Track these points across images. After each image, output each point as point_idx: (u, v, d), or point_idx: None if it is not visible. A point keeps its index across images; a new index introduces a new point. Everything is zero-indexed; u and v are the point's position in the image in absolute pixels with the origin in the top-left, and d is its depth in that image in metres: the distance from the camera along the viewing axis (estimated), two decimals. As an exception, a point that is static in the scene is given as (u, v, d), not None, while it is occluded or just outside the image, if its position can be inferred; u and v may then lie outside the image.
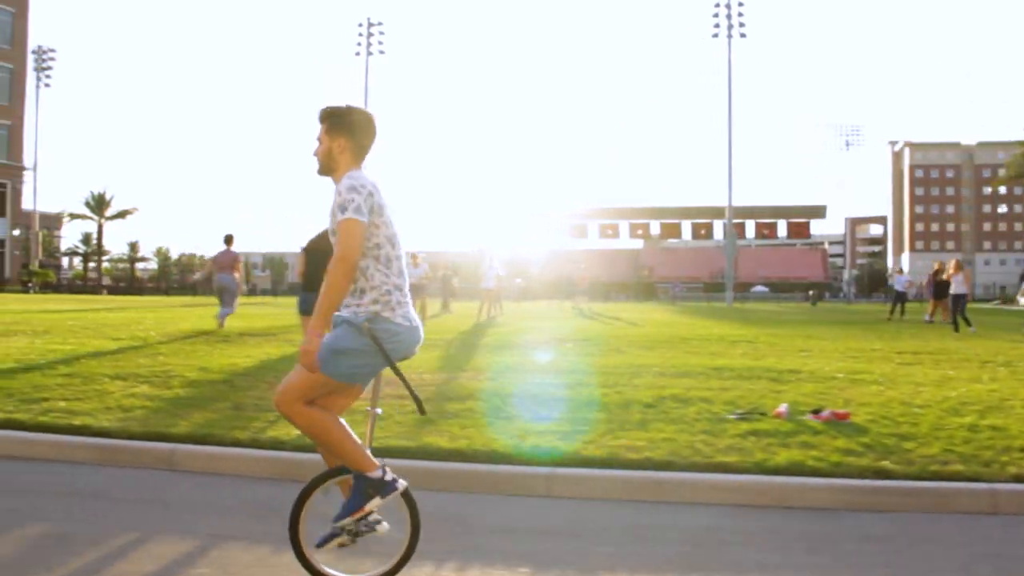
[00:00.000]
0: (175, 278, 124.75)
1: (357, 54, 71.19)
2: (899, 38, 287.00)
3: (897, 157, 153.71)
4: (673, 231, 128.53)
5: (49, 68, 75.64)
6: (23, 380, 9.30)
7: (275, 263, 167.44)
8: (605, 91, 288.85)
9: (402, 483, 3.83)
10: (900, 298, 29.97)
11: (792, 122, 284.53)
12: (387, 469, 3.84)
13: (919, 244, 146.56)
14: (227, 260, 17.57)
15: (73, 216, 75.78)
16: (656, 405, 8.13)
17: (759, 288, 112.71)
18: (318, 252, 9.02)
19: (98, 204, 75.49)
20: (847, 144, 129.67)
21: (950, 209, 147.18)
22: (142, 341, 14.24)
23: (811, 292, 70.10)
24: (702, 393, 8.77)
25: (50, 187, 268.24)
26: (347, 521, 3.76)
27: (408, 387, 3.90)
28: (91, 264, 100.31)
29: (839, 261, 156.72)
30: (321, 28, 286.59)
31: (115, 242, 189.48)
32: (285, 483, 5.94)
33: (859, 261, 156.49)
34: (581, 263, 62.00)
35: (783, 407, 7.80)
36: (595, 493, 6.00)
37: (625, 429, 7.17)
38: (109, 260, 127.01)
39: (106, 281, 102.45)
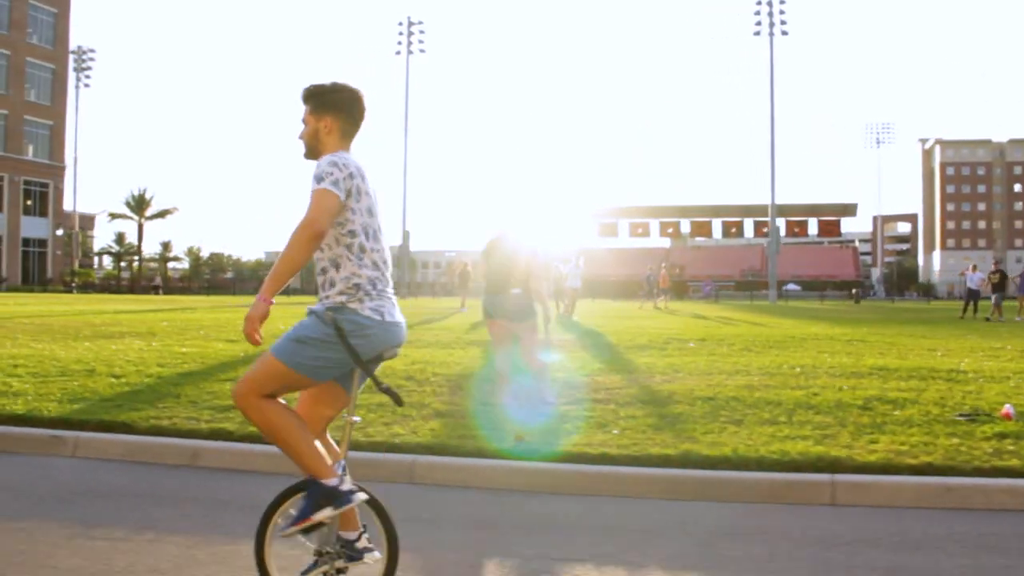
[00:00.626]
0: (206, 277, 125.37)
1: (398, 53, 71.36)
2: (928, 36, 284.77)
3: (927, 155, 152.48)
4: (704, 229, 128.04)
5: (88, 68, 75.91)
6: (193, 387, 9.05)
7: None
8: (624, 91, 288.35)
9: (360, 495, 3.50)
10: (973, 296, 29.85)
11: (822, 120, 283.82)
12: (346, 478, 3.51)
13: (950, 242, 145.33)
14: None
15: (114, 216, 76.17)
16: (871, 407, 7.93)
17: (791, 286, 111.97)
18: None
19: (138, 204, 75.71)
20: (878, 142, 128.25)
21: (981, 207, 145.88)
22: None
23: (854, 291, 69.75)
24: (900, 395, 8.57)
25: (82, 187, 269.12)
26: (292, 530, 3.45)
27: (376, 381, 3.52)
28: (122, 264, 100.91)
29: (866, 259, 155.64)
30: (361, 27, 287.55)
31: (146, 242, 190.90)
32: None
33: (886, 259, 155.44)
34: (663, 261, 61.36)
35: (1008, 408, 7.59)
36: (879, 501, 5.78)
37: (866, 432, 6.96)
38: (141, 260, 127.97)
39: (117, 280, 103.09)
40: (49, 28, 70.66)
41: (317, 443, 3.52)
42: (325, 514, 3.42)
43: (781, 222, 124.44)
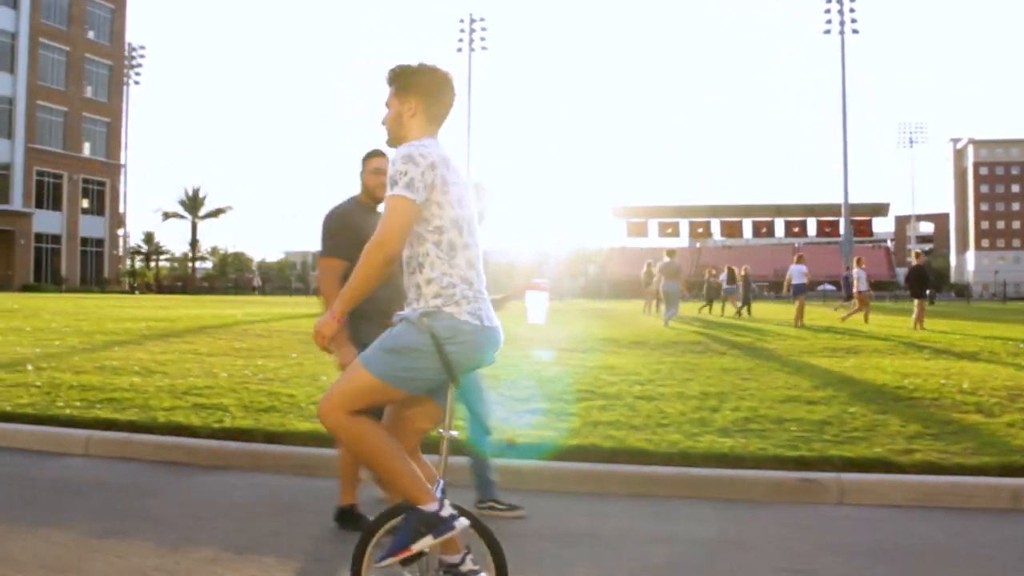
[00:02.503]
0: (232, 277, 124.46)
1: (459, 50, 70.44)
2: (958, 36, 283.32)
3: (959, 155, 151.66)
4: (734, 229, 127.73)
5: (139, 66, 74.76)
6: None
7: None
8: (645, 90, 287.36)
9: (463, 521, 3.19)
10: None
11: (853, 119, 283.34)
12: (447, 503, 3.20)
13: (984, 242, 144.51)
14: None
15: (168, 215, 74.98)
16: None
17: (827, 286, 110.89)
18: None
19: (192, 202, 74.63)
20: (911, 142, 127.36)
21: (1016, 206, 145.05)
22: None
23: (929, 291, 68.55)
24: None
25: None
26: (390, 561, 3.16)
27: (448, 407, 3.28)
28: (150, 263, 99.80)
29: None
30: (418, 24, 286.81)
31: (174, 242, 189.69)
32: None
33: (908, 259, 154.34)
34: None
35: None
36: None
37: None
38: (168, 259, 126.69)
39: (171, 280, 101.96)
40: (106, 24, 69.70)
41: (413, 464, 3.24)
42: (425, 543, 3.16)
43: (812, 221, 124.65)
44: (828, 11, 66.92)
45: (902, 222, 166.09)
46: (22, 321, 17.68)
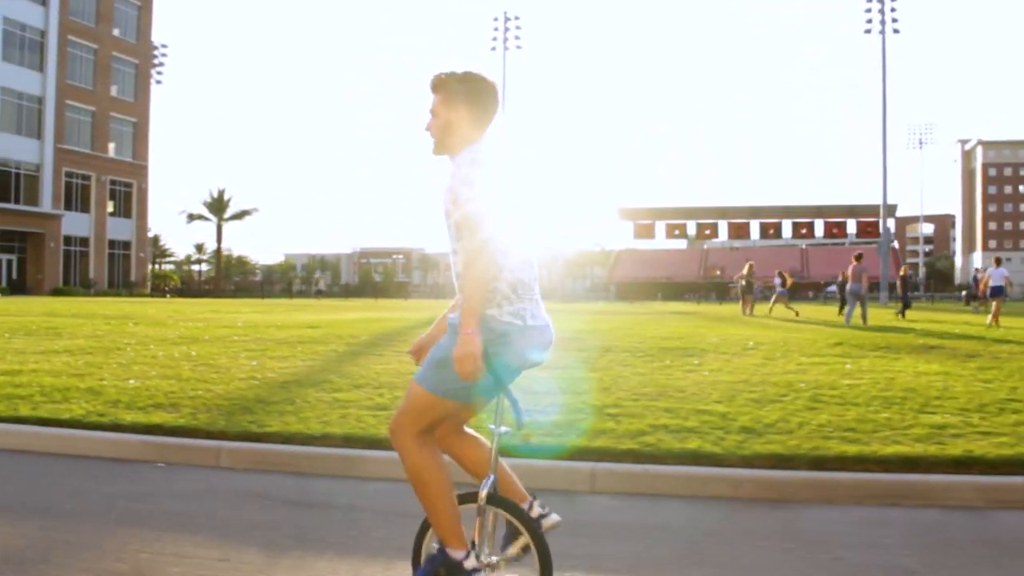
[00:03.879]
0: (235, 280, 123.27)
1: (493, 49, 69.24)
2: (966, 37, 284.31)
3: (967, 156, 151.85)
4: (742, 231, 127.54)
5: (161, 65, 73.17)
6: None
7: (327, 265, 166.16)
8: (645, 94, 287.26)
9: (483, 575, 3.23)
10: None
11: (861, 120, 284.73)
12: (475, 555, 3.25)
13: (992, 243, 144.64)
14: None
15: (192, 216, 73.27)
16: None
17: (833, 288, 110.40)
18: None
19: (217, 204, 73.03)
20: (920, 143, 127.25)
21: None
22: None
23: (964, 292, 68.19)
24: None
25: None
26: None
27: (510, 397, 3.22)
28: (157, 266, 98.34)
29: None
30: (447, 23, 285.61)
31: (181, 244, 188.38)
32: None
33: (910, 260, 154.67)
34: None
35: None
36: None
37: None
38: (173, 262, 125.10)
39: (199, 282, 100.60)
40: (133, 22, 68.16)
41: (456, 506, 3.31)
42: None
43: (819, 223, 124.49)
44: (869, 10, 66.21)
45: (902, 223, 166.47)
46: (171, 329, 16.34)
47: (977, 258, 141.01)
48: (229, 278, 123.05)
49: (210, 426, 6.86)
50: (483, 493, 3.31)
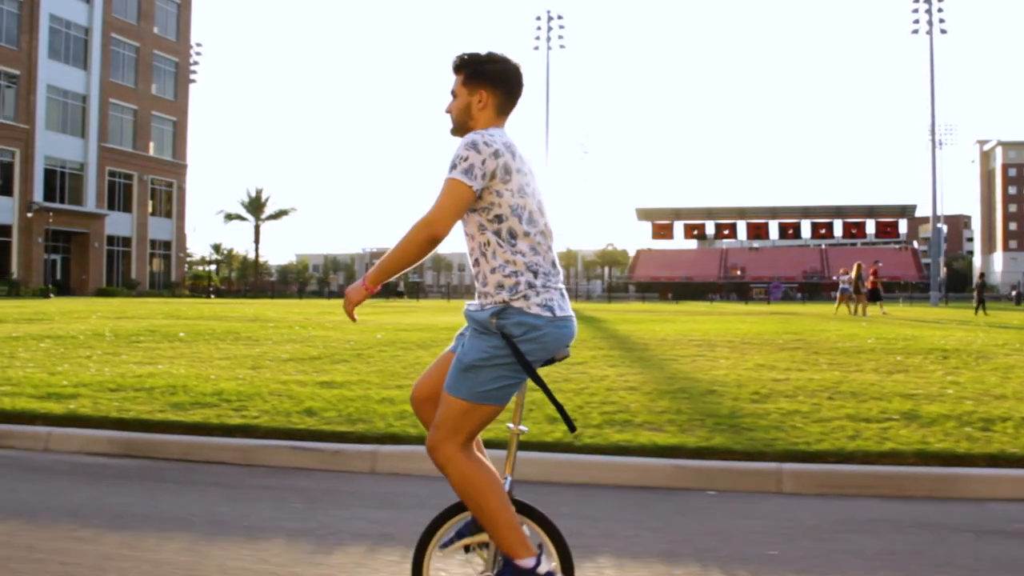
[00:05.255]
0: (251, 280, 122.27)
1: (536, 48, 68.43)
2: (986, 37, 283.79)
3: (986, 156, 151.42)
4: (760, 231, 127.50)
5: (196, 64, 72.23)
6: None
7: (338, 264, 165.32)
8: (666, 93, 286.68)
9: None
10: None
11: (877, 120, 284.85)
12: (544, 559, 3.04)
13: (1012, 243, 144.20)
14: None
15: (230, 216, 72.28)
16: None
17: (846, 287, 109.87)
18: None
19: (254, 204, 72.02)
20: (940, 143, 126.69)
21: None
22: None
23: (1015, 291, 68.06)
24: None
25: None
26: None
27: (551, 398, 3.07)
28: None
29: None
30: (489, 22, 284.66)
31: (198, 245, 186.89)
32: None
33: (923, 261, 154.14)
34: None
35: None
36: None
37: None
38: (258, 263, 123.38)
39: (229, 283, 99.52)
40: (173, 19, 67.28)
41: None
42: None
43: (838, 223, 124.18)
44: (916, 10, 65.64)
45: (914, 224, 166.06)
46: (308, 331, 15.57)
47: (997, 259, 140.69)
48: (245, 278, 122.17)
49: (740, 446, 6.03)
50: None
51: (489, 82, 3.22)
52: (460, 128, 3.26)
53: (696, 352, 12.73)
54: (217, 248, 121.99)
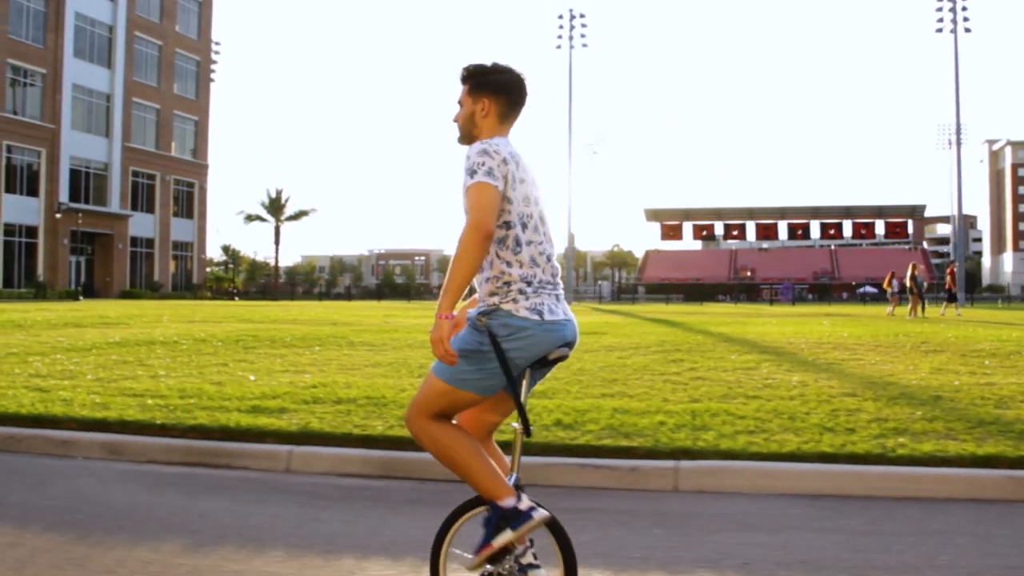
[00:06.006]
0: (261, 281, 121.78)
1: (558, 47, 68.20)
2: (996, 37, 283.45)
3: (995, 156, 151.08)
4: (769, 231, 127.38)
5: (214, 63, 71.79)
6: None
7: (343, 266, 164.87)
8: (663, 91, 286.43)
9: (541, 512, 3.14)
10: None
11: (888, 120, 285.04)
12: (524, 496, 3.18)
13: (1022, 243, 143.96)
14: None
15: (250, 218, 71.71)
16: None
17: (868, 288, 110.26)
18: None
19: (274, 205, 71.51)
20: (950, 143, 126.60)
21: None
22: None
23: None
24: None
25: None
26: (477, 561, 3.18)
27: (516, 399, 3.22)
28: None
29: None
30: (510, 21, 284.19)
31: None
32: None
33: (933, 261, 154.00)
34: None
35: None
36: None
37: None
38: (277, 265, 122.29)
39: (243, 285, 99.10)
40: (194, 17, 66.88)
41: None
42: (505, 538, 3.14)
43: (848, 223, 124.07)
44: (940, 9, 65.48)
45: (920, 224, 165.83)
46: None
47: (1008, 259, 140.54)
48: (254, 280, 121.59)
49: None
50: None
51: (492, 91, 3.35)
52: (465, 136, 3.39)
53: (847, 355, 12.35)
54: (226, 249, 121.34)
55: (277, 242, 71.94)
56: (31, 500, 5.27)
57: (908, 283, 30.18)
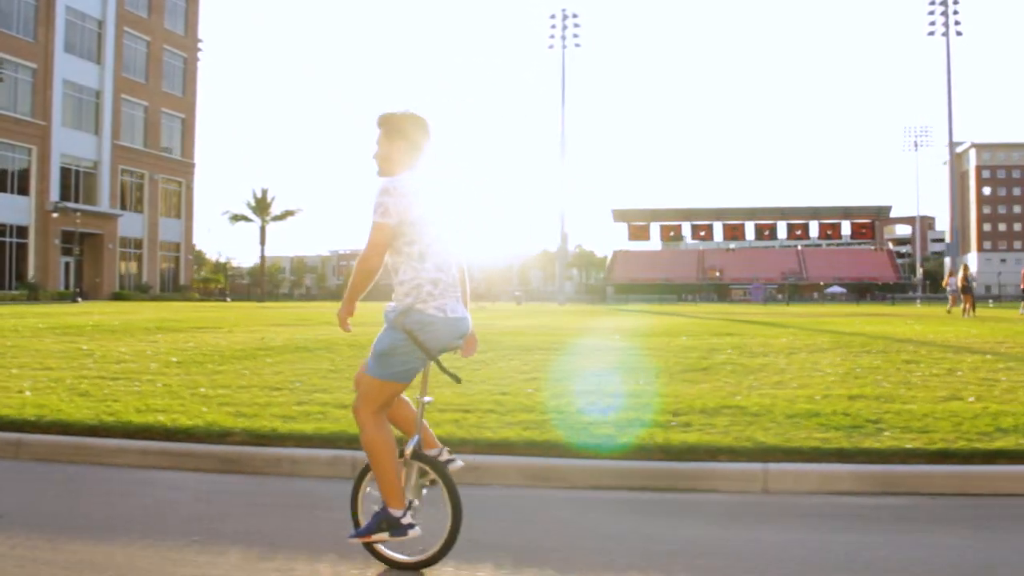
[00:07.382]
0: (245, 284, 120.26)
1: (551, 47, 67.81)
2: (961, 40, 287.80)
3: (959, 158, 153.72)
4: (737, 232, 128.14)
5: (196, 60, 70.35)
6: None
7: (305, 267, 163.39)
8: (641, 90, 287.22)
9: (416, 531, 3.89)
10: None
11: (852, 122, 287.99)
12: (411, 514, 3.93)
13: (986, 244, 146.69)
14: None
15: (236, 217, 70.11)
16: None
17: (836, 288, 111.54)
18: None
19: (260, 205, 70.16)
20: (916, 145, 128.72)
21: (1017, 209, 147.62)
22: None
23: (1025, 290, 68.39)
24: None
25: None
26: (354, 541, 3.98)
27: (440, 366, 3.99)
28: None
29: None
30: (503, 21, 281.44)
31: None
32: None
33: (898, 261, 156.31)
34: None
35: None
36: None
37: None
38: (263, 265, 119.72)
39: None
40: (181, 13, 65.34)
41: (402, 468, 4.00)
42: (380, 537, 3.90)
43: (814, 224, 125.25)
44: (932, 12, 66.32)
45: (881, 224, 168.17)
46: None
47: (972, 260, 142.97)
48: (218, 281, 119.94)
49: None
50: (408, 450, 3.97)
51: (403, 135, 3.98)
52: (384, 172, 4.00)
53: (977, 360, 11.92)
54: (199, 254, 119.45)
55: (263, 242, 70.57)
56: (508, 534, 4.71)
57: (961, 283, 30.49)
